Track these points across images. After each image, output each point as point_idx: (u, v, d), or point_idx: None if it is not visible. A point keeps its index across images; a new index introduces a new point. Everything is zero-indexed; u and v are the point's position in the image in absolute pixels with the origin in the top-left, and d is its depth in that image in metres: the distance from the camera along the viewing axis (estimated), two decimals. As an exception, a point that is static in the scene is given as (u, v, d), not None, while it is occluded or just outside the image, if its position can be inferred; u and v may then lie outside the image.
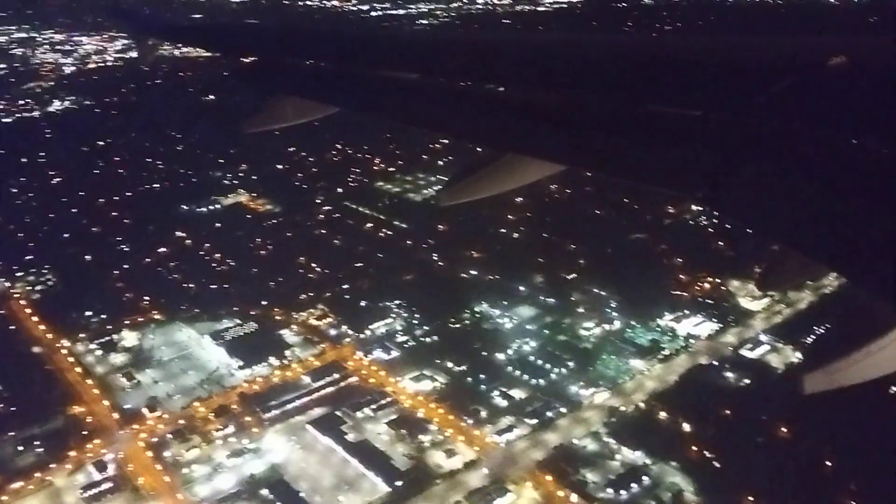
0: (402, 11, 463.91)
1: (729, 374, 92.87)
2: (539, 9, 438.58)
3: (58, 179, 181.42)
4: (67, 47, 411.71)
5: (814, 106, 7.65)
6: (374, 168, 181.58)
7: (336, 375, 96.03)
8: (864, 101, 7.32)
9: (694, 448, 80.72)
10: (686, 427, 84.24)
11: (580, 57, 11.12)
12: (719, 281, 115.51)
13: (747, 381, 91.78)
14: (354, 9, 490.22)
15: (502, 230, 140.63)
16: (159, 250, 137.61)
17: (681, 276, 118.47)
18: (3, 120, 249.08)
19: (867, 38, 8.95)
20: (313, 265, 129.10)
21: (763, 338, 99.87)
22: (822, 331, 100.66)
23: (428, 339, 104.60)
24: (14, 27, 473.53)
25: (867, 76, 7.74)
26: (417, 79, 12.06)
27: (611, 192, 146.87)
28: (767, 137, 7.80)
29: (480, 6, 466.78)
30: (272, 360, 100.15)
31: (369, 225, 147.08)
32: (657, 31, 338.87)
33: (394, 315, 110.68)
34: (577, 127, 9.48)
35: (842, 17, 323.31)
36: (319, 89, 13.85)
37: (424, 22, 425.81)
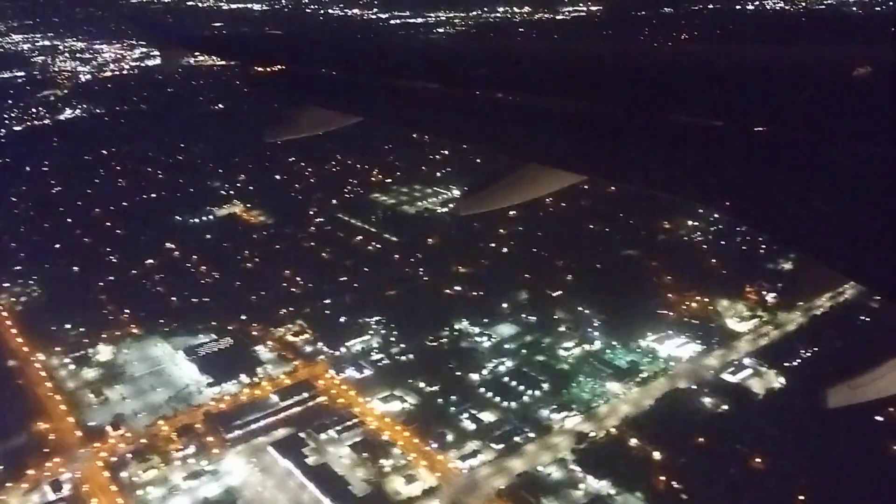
0: (420, 20, 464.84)
1: (707, 400, 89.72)
2: (557, 17, 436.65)
3: (57, 189, 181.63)
4: (87, 55, 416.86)
5: (838, 116, 7.57)
6: (372, 179, 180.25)
7: (305, 395, 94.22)
8: (889, 111, 7.20)
9: (662, 478, 77.78)
10: (656, 455, 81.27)
11: (601, 67, 11.06)
12: (707, 300, 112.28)
13: (725, 406, 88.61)
14: (374, 17, 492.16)
15: (492, 244, 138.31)
16: (147, 262, 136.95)
17: (669, 294, 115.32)
18: (14, 128, 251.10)
19: (891, 48, 8.61)
20: (298, 279, 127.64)
21: (747, 361, 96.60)
22: (809, 354, 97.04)
23: (403, 358, 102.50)
24: (39, 35, 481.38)
25: (892, 86, 7.62)
26: (438, 88, 12.10)
27: (606, 206, 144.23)
28: (791, 148, 7.63)
29: (499, 15, 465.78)
30: (243, 377, 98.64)
31: (359, 238, 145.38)
32: (676, 39, 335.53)
33: (372, 332, 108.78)
34: (599, 137, 9.40)
35: (863, 25, 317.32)
36: (340, 99, 13.77)
37: (441, 30, 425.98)
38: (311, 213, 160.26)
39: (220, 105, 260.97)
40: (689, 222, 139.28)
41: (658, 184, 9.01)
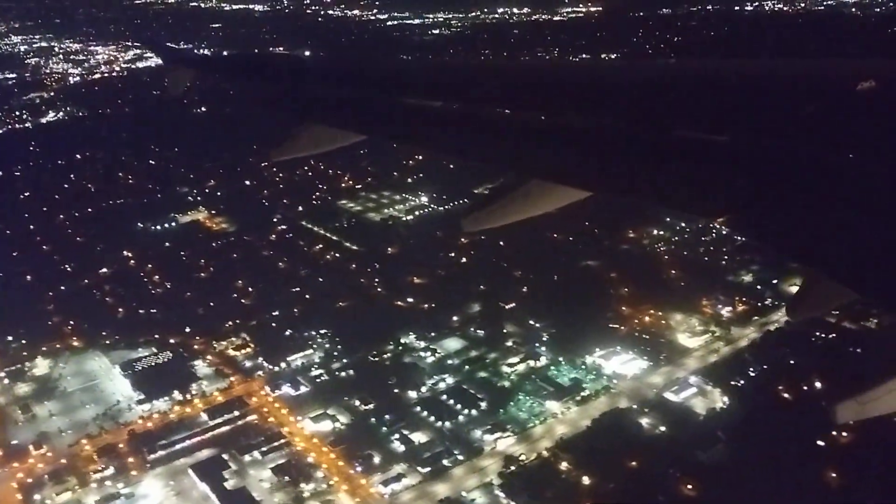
0: (417, 21, 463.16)
1: (646, 421, 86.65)
2: (555, 18, 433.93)
3: (26, 194, 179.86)
4: (81, 57, 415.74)
5: (843, 130, 7.63)
6: (342, 185, 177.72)
7: (236, 413, 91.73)
8: (893, 125, 7.29)
9: (587, 505, 74.75)
10: (586, 480, 78.34)
11: (606, 83, 11.05)
12: (661, 314, 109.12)
13: (663, 428, 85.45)
14: (374, 17, 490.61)
15: (452, 254, 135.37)
16: (100, 271, 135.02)
17: (623, 307, 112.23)
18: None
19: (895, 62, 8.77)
20: (250, 289, 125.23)
21: (692, 379, 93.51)
22: (757, 372, 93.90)
23: (343, 374, 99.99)
24: (38, 36, 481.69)
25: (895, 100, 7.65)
26: (442, 106, 12.04)
27: (572, 214, 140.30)
28: (795, 162, 7.51)
29: (497, 16, 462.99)
30: (176, 394, 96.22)
31: (319, 246, 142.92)
32: (674, 41, 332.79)
33: (316, 346, 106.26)
34: (603, 153, 9.36)
35: (862, 26, 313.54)
36: (345, 117, 13.72)
37: (436, 32, 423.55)
38: (276, 220, 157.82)
39: (203, 108, 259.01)
40: (655, 231, 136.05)
41: (663, 199, 8.91)
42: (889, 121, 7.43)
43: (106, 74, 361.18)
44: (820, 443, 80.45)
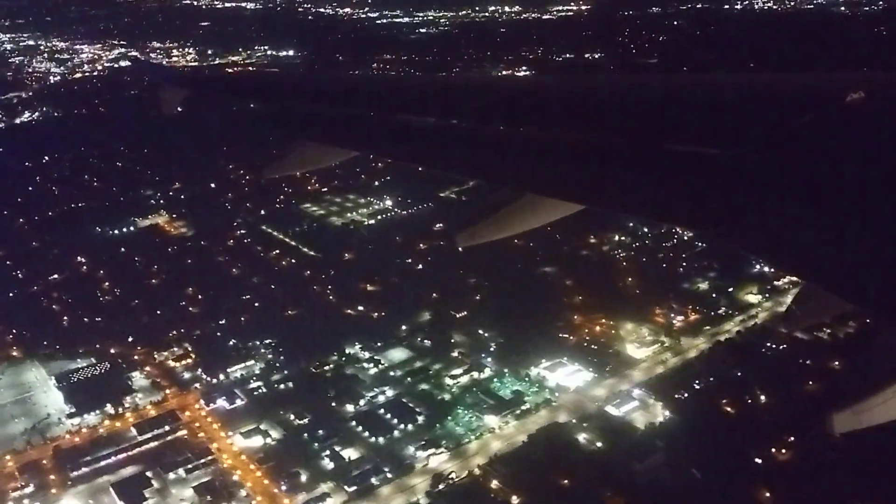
0: (407, 19, 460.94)
1: (583, 436, 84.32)
2: (545, 17, 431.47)
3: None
4: (65, 56, 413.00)
5: (832, 142, 7.73)
6: (308, 188, 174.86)
7: (166, 428, 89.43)
8: (883, 136, 7.41)
9: (513, 526, 72.44)
10: (514, 500, 76.11)
11: (597, 97, 11.06)
12: (612, 323, 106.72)
13: (600, 444, 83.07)
14: (364, 16, 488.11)
15: (409, 260, 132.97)
16: (51, 277, 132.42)
17: (575, 316, 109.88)
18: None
19: (884, 74, 9.21)
20: (199, 297, 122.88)
21: (635, 392, 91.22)
22: (701, 385, 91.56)
23: (282, 386, 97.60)
24: (27, 34, 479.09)
25: (885, 112, 7.88)
26: (436, 122, 12.09)
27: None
28: (787, 173, 7.59)
29: (487, 14, 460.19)
30: (109, 407, 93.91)
31: (276, 252, 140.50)
32: (659, 40, 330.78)
33: (258, 357, 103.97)
34: (596, 167, 9.38)
35: (850, 25, 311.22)
36: (338, 134, 13.66)
37: (423, 30, 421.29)
38: (236, 224, 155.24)
39: (178, 108, 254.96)
40: (616, 237, 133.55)
41: (655, 211, 9.07)
42: (878, 131, 7.53)
43: (87, 74, 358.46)
44: (757, 460, 78.12)
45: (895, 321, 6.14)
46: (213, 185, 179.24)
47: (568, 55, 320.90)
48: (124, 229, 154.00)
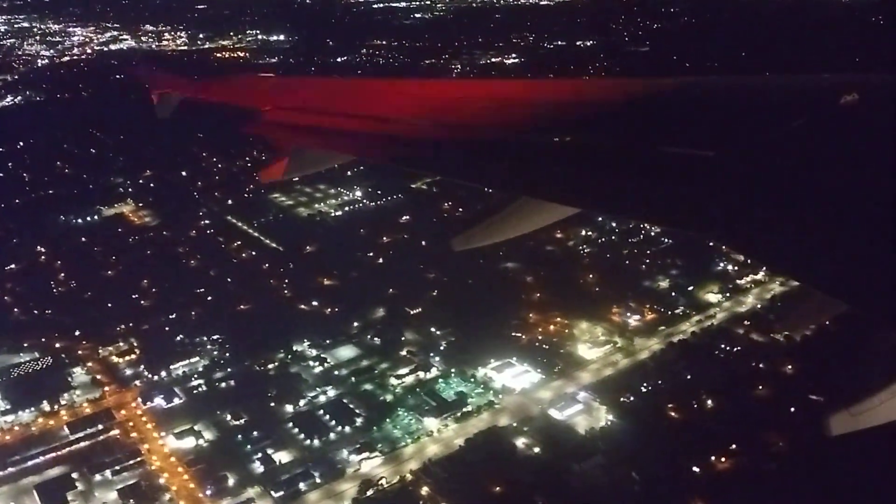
0: (404, 3, 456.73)
1: (522, 441, 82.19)
2: (542, 3, 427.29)
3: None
4: (57, 38, 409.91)
5: (827, 144, 7.80)
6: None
7: (99, 427, 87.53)
8: (876, 138, 7.52)
9: (438, 536, 70.36)
10: (443, 508, 73.81)
11: (593, 100, 11.11)
12: (567, 322, 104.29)
13: (538, 449, 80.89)
14: (361, 0, 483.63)
15: (371, 253, 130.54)
16: (7, 268, 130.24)
17: (531, 314, 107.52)
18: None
19: (877, 76, 9.09)
20: (153, 290, 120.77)
21: (581, 395, 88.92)
22: (649, 388, 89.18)
23: (223, 385, 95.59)
24: (23, 16, 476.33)
25: (879, 113, 7.97)
26: (430, 126, 11.97)
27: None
28: (783, 176, 7.61)
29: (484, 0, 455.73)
30: (45, 404, 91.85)
31: (237, 244, 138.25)
32: (656, 26, 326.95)
33: (204, 353, 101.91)
34: (592, 170, 9.36)
35: (844, 14, 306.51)
36: (331, 138, 13.34)
37: (418, 15, 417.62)
38: (201, 213, 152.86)
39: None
40: (583, 232, 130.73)
41: (651, 215, 9.45)
42: (872, 133, 7.66)
43: (76, 57, 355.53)
44: (695, 469, 75.84)
45: (891, 322, 5.97)
46: (184, 174, 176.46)
47: (559, 42, 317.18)
48: (88, 218, 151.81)
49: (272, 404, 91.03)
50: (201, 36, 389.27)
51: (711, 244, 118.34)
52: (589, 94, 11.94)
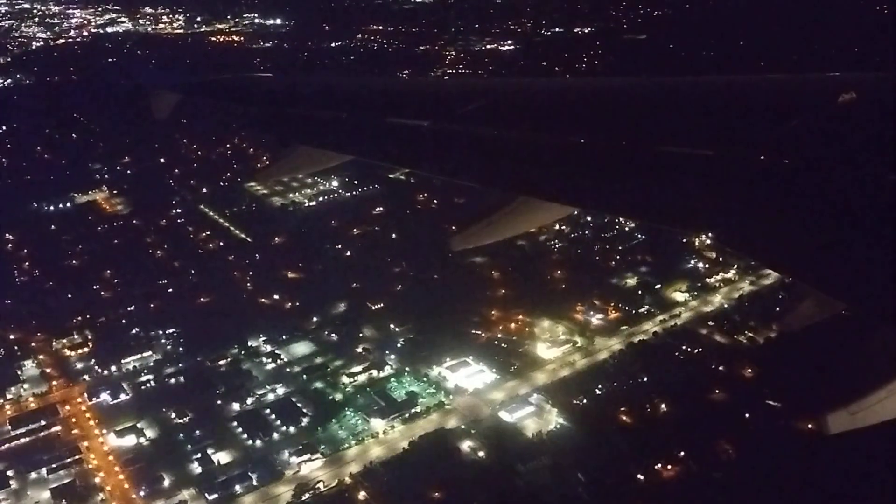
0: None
1: (468, 444, 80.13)
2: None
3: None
4: (56, 20, 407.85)
5: (825, 143, 7.79)
6: (258, 165, 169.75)
7: (42, 423, 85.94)
8: (874, 136, 7.51)
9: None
10: (379, 513, 71.93)
11: (591, 100, 11.10)
12: (529, 320, 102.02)
13: (482, 454, 78.80)
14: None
15: (339, 245, 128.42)
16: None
17: (493, 311, 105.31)
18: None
19: (875, 74, 9.25)
20: (115, 281, 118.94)
21: (533, 397, 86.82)
22: (603, 390, 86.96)
23: (172, 381, 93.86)
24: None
25: (876, 112, 7.95)
26: (429, 125, 11.77)
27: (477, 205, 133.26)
28: (781, 174, 7.56)
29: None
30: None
31: (206, 234, 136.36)
32: (656, 14, 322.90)
33: (157, 347, 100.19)
34: (590, 169, 9.35)
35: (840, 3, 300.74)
36: (332, 138, 13.31)
37: (417, 0, 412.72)
38: (174, 202, 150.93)
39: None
40: (556, 226, 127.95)
41: (651, 214, 9.14)
42: (870, 131, 7.66)
43: (71, 40, 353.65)
44: (640, 476, 73.69)
45: (888, 320, 6.00)
46: (162, 161, 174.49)
47: (557, 29, 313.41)
48: (61, 205, 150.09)
49: (219, 402, 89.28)
50: (199, 19, 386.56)
51: (684, 241, 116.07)
52: (588, 93, 11.82)
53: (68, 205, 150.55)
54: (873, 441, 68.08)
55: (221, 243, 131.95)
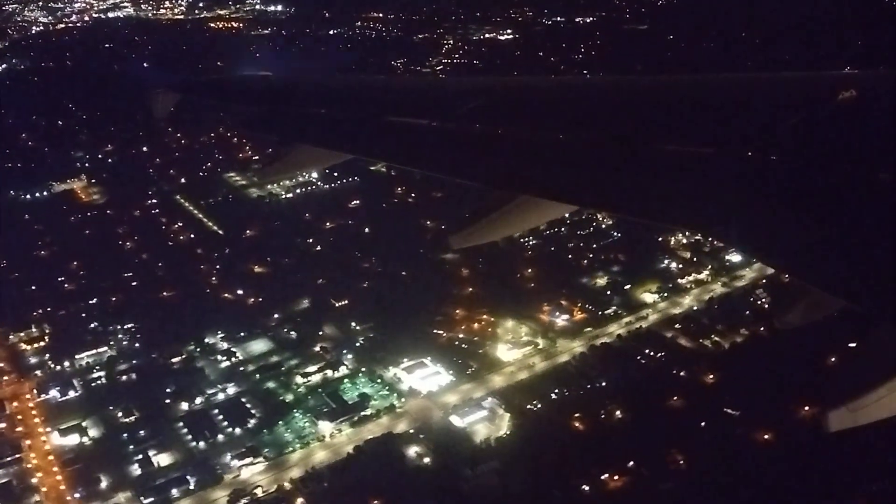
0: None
1: (414, 450, 78.14)
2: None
3: None
4: (58, 4, 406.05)
5: (824, 140, 7.76)
6: (240, 155, 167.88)
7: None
8: (874, 134, 7.50)
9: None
10: (314, 521, 70.08)
11: (592, 98, 11.05)
12: (493, 320, 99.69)
13: (428, 460, 76.79)
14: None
15: (310, 240, 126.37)
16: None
17: (458, 310, 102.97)
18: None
19: (875, 72, 9.41)
20: (82, 273, 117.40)
21: (487, 401, 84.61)
22: (558, 395, 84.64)
23: (124, 378, 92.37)
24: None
25: (876, 110, 7.93)
26: (428, 124, 11.78)
27: (455, 200, 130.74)
28: (780, 173, 7.57)
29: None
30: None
31: (178, 225, 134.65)
32: (659, 3, 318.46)
33: (113, 342, 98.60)
34: (591, 167, 9.28)
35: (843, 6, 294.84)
36: (331, 137, 13.12)
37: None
38: (151, 192, 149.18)
39: (146, 64, 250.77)
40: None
41: (651, 212, 9.13)
42: (870, 129, 7.63)
43: (71, 24, 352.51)
44: (585, 487, 71.47)
45: (888, 318, 5.94)
46: (145, 149, 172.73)
47: (557, 18, 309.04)
48: (38, 194, 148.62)
49: (167, 401, 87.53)
50: (200, 4, 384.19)
51: (660, 239, 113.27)
52: (588, 91, 11.75)
53: (45, 193, 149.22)
54: (814, 455, 65.76)
55: (192, 235, 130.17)
